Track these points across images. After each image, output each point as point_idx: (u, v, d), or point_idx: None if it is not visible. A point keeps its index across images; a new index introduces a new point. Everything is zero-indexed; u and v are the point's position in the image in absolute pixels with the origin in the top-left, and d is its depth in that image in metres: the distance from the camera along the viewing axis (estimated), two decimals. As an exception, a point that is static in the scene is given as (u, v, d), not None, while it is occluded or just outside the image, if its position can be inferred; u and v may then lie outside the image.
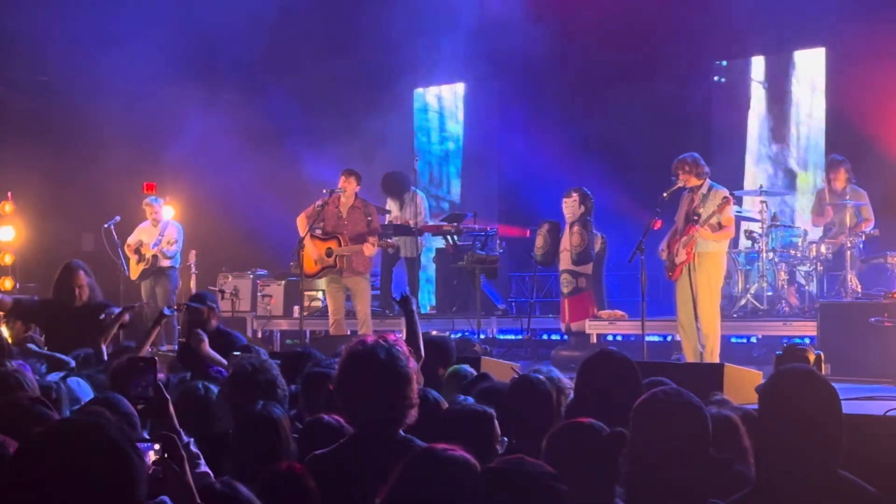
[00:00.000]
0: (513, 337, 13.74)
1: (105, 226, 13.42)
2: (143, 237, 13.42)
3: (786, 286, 11.66)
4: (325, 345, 10.23)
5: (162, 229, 13.36)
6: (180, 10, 14.40)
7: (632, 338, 11.74)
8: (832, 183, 11.62)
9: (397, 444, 3.74)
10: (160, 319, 8.08)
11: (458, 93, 17.29)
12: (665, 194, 9.78)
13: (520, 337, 13.36)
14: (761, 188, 12.44)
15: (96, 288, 8.82)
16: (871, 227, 11.32)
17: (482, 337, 12.24)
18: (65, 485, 2.33)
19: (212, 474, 3.73)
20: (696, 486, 3.42)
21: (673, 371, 6.95)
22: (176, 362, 7.84)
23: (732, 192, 10.36)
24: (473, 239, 13.69)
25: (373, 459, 3.66)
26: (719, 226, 9.66)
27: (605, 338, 12.13)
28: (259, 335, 14.13)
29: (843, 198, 11.33)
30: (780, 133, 14.59)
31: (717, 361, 9.04)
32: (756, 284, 11.68)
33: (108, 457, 2.39)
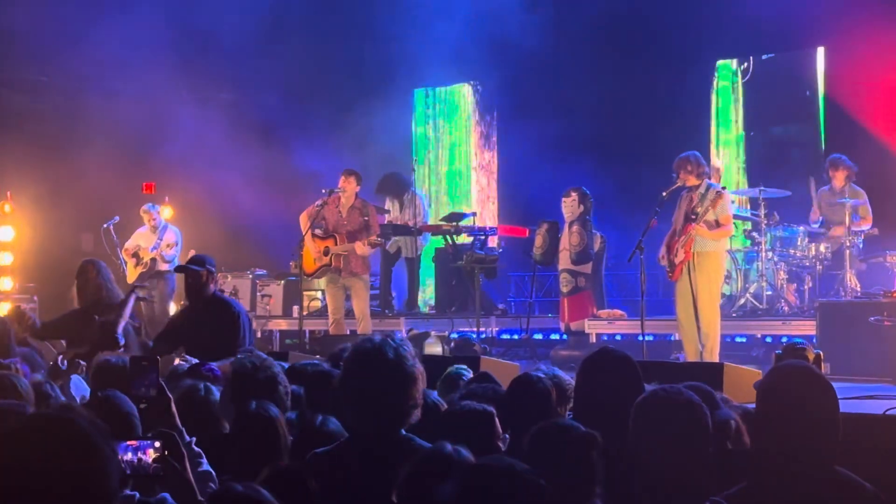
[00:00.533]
0: (512, 336, 13.73)
1: (104, 226, 13.40)
2: (140, 242, 13.40)
3: (785, 285, 11.66)
4: (324, 344, 10.25)
5: (160, 233, 13.35)
6: (176, 8, 14.39)
7: (632, 337, 11.74)
8: (831, 181, 11.63)
9: (398, 444, 3.72)
10: (130, 295, 8.15)
11: (456, 91, 17.27)
12: (664, 193, 9.77)
13: (519, 336, 13.36)
14: (760, 189, 12.43)
15: (112, 288, 8.84)
16: (868, 226, 11.31)
17: (482, 337, 12.24)
18: (34, 477, 2.34)
19: (214, 473, 3.73)
20: (697, 484, 3.43)
21: (673, 370, 6.96)
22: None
23: (724, 187, 10.33)
24: (473, 238, 13.69)
25: (374, 458, 3.66)
26: (717, 224, 9.65)
27: (605, 337, 12.12)
28: (258, 335, 14.13)
29: (842, 196, 11.33)
30: (779, 131, 14.60)
31: (717, 361, 9.06)
32: (755, 284, 11.68)
33: (79, 449, 2.40)
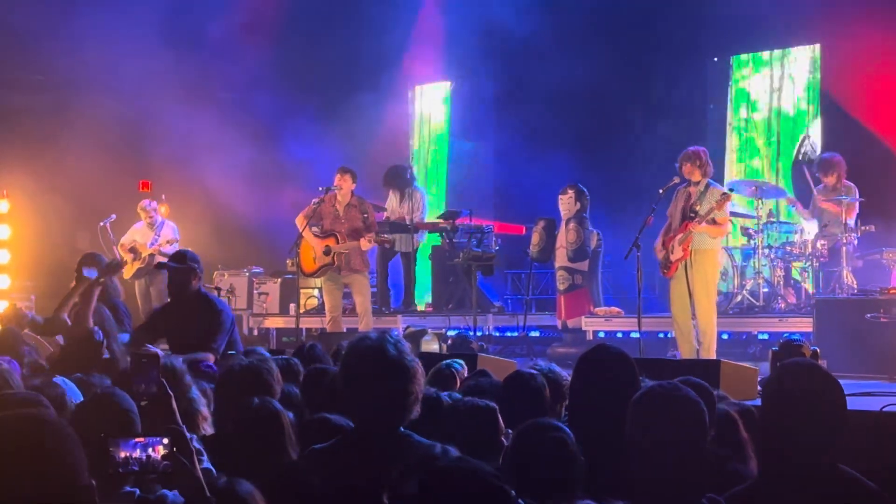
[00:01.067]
0: (509, 334, 13.74)
1: (101, 224, 13.38)
2: (137, 238, 13.38)
3: (781, 283, 11.68)
4: (322, 342, 10.23)
5: (158, 229, 13.33)
6: (169, 5, 14.41)
7: (628, 334, 11.75)
8: (823, 181, 11.62)
9: (398, 440, 3.73)
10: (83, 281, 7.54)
11: (452, 89, 17.27)
12: (661, 190, 9.77)
13: (516, 334, 13.37)
14: (756, 186, 12.44)
15: (111, 282, 8.63)
16: (853, 220, 11.20)
17: (478, 334, 12.24)
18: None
19: (214, 471, 3.73)
20: (693, 480, 3.44)
21: (669, 367, 6.98)
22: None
23: (731, 189, 10.36)
24: (469, 236, 13.69)
25: (373, 455, 3.66)
26: (714, 222, 9.66)
27: (602, 334, 12.13)
28: (255, 333, 14.14)
29: (837, 194, 11.34)
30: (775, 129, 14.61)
31: (714, 358, 9.08)
32: (752, 281, 11.69)
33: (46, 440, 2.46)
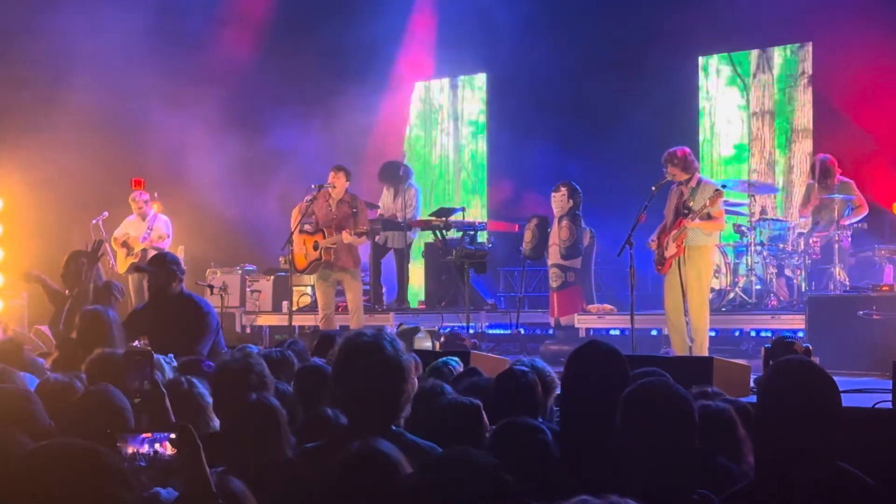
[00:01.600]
0: (502, 332, 13.73)
1: (93, 222, 13.35)
2: (129, 231, 13.36)
3: (774, 280, 11.68)
4: (317, 340, 10.20)
5: (150, 223, 13.30)
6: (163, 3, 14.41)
7: (621, 332, 11.74)
8: (826, 181, 11.62)
9: (391, 439, 3.70)
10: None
11: (447, 87, 17.26)
12: (654, 188, 9.77)
13: (509, 332, 13.36)
14: (749, 183, 12.45)
15: (100, 276, 8.64)
16: (865, 213, 11.26)
17: (471, 332, 12.23)
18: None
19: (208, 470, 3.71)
20: (682, 476, 3.44)
21: (662, 365, 6.95)
22: None
23: (724, 185, 10.36)
24: (462, 233, 13.68)
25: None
26: (709, 217, 9.65)
27: (594, 332, 12.12)
28: (248, 330, 14.13)
29: (832, 191, 11.35)
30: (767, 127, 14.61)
31: (706, 355, 9.07)
32: (745, 278, 11.69)
33: (101, 478, 2.41)
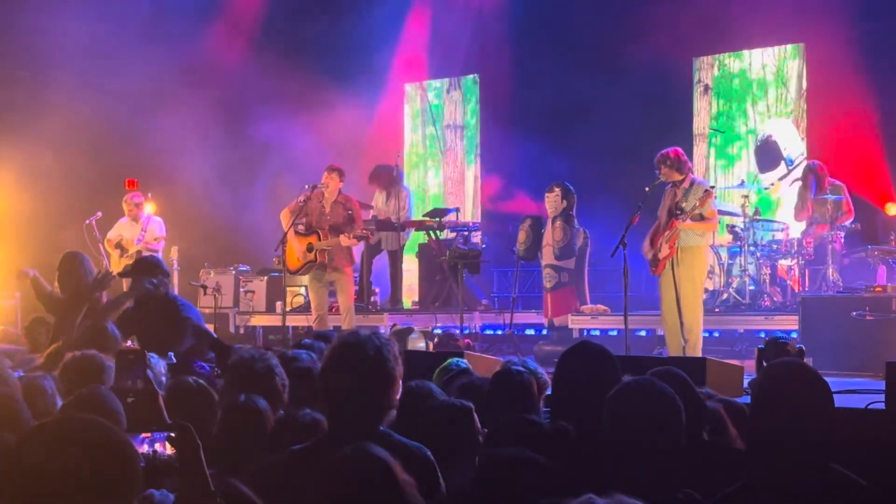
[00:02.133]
0: (496, 332, 13.72)
1: (87, 222, 13.34)
2: (123, 233, 13.33)
3: (768, 280, 11.69)
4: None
5: (143, 224, 13.28)
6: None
7: (614, 332, 11.74)
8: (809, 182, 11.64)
9: (378, 440, 3.68)
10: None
11: (441, 87, 17.26)
12: (647, 189, 9.77)
13: (502, 332, 13.35)
14: (742, 183, 12.47)
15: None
16: (851, 220, 11.34)
17: (465, 332, 12.22)
18: (65, 480, 2.31)
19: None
20: (670, 473, 3.44)
21: (655, 365, 6.96)
22: None
23: (713, 186, 10.38)
24: (456, 234, 13.67)
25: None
26: (701, 217, 9.66)
27: (588, 332, 12.12)
28: (241, 331, 14.10)
29: (823, 193, 11.37)
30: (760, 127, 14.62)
31: (700, 355, 9.07)
32: (738, 279, 11.70)
33: (112, 453, 2.37)
